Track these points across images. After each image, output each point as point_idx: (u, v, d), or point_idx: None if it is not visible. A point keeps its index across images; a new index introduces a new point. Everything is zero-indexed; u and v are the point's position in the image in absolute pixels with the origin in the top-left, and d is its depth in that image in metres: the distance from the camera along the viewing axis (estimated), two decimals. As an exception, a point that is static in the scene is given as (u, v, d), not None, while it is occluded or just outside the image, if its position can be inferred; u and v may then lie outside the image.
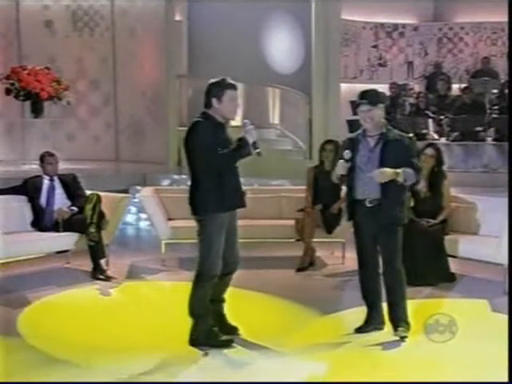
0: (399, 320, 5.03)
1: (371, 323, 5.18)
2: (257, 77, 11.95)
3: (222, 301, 5.08)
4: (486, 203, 7.07)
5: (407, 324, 5.04)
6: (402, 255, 5.07)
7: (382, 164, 4.90)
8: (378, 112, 4.97)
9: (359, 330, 5.15)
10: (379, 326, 5.18)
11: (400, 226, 5.05)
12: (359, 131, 5.10)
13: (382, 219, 4.97)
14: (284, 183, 9.61)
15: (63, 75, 11.20)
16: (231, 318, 5.13)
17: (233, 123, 5.14)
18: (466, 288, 6.45)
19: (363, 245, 5.11)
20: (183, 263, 7.50)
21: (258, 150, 4.74)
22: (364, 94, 5.03)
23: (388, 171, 4.84)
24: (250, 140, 4.73)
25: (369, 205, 4.98)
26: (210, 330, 4.89)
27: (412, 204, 6.87)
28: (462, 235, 6.84)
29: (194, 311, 4.87)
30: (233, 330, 5.05)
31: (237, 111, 4.88)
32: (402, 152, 4.93)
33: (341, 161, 5.04)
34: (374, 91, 5.12)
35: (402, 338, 4.97)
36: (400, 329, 4.99)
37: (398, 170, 4.84)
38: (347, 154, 5.01)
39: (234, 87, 4.81)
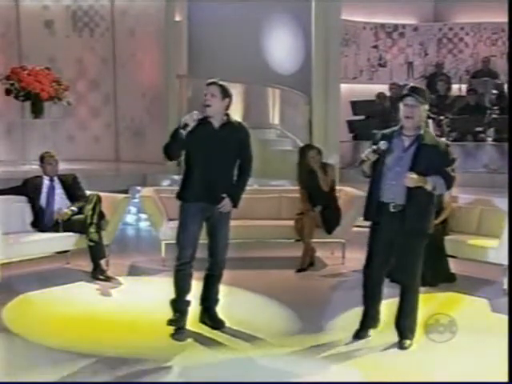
0: (406, 330, 4.89)
1: (366, 325, 5.06)
2: (257, 77, 11.93)
3: (210, 298, 5.26)
4: (487, 203, 7.08)
5: (413, 335, 4.90)
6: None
7: (413, 166, 4.66)
8: (421, 111, 4.72)
9: (357, 336, 5.03)
10: (375, 324, 5.08)
11: (423, 236, 4.80)
12: (395, 128, 4.83)
13: (404, 226, 4.72)
14: (284, 183, 9.61)
15: (63, 75, 11.20)
16: (230, 318, 5.16)
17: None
18: (466, 288, 6.45)
19: (377, 248, 4.87)
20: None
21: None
22: (412, 89, 4.77)
23: (417, 177, 4.61)
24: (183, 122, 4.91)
25: (393, 210, 4.73)
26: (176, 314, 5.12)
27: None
28: (462, 235, 6.85)
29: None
30: (218, 324, 5.23)
31: (206, 102, 4.97)
32: (435, 158, 4.68)
33: (372, 148, 4.74)
34: (424, 90, 4.87)
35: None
36: (406, 341, 4.85)
37: (428, 178, 4.62)
38: (384, 144, 4.71)
39: (209, 83, 5.01)
